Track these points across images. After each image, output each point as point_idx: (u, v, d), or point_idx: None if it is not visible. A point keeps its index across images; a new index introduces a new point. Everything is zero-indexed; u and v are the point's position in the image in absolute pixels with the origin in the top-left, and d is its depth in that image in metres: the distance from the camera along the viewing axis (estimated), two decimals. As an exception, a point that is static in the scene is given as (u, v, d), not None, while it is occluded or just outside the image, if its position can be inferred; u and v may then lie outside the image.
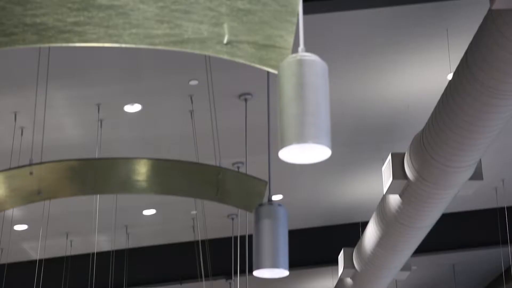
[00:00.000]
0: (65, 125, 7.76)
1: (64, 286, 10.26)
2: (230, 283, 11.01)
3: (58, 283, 10.36)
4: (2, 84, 6.98)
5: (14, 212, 9.15)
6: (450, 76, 7.51)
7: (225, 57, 3.08)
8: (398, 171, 6.99)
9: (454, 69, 7.14)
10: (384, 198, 7.88)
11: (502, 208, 10.14)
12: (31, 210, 8.91)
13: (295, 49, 6.46)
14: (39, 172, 4.59)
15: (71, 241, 10.48)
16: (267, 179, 8.91)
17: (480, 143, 5.91)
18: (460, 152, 6.09)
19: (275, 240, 4.08)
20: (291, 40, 3.11)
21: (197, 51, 3.04)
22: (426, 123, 6.42)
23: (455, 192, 6.90)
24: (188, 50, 3.04)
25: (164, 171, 5.26)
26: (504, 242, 10.16)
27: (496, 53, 4.86)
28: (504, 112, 5.45)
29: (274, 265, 4.06)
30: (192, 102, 7.45)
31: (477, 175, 6.73)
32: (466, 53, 5.29)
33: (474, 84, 5.22)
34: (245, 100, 7.52)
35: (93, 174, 4.94)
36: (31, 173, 4.57)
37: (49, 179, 4.69)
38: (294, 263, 10.99)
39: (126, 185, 5.08)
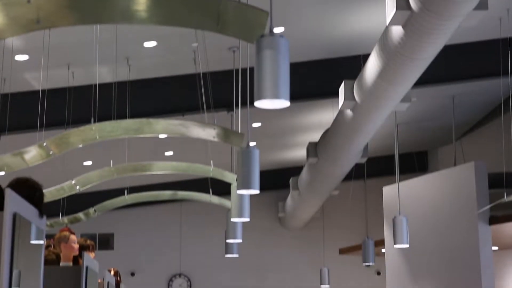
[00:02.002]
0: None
1: (67, 116, 10.39)
2: (231, 115, 11.13)
3: (62, 113, 10.48)
4: None
5: (14, 42, 9.10)
6: None
7: None
8: (402, 2, 6.89)
9: None
10: (386, 30, 7.80)
11: (506, 39, 10.05)
12: (31, 40, 8.86)
13: None
14: (37, 0, 4.51)
15: (72, 72, 10.50)
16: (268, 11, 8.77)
17: (487, -28, 5.78)
18: (466, -18, 5.96)
19: (276, 71, 4.09)
20: None
21: None
22: (432, -48, 6.26)
23: (458, 23, 6.83)
24: None
25: (164, 1, 5.17)
26: (505, 73, 10.13)
27: None
28: None
29: (275, 95, 4.08)
30: None
31: (482, 4, 6.63)
32: None
33: None
34: None
35: (92, 3, 4.86)
36: (28, 1, 4.50)
37: (48, 8, 4.62)
38: (295, 96, 11.01)
39: (126, 15, 5.01)
